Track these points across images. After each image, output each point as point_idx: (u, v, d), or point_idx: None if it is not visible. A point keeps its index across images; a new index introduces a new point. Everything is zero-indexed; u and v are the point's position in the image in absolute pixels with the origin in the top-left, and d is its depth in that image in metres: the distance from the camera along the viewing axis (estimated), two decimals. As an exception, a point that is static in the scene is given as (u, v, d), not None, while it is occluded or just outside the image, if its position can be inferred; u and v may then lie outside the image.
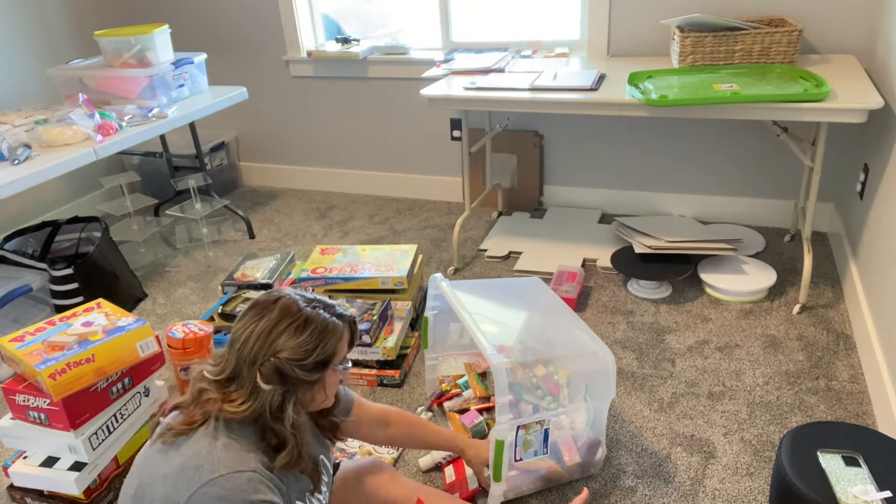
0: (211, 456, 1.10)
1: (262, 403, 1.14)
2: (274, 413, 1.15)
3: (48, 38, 3.29)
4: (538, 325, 1.91)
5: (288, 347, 1.15)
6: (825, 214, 2.88)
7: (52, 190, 3.38)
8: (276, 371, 1.15)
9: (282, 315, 1.17)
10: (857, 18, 2.53)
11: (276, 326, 1.16)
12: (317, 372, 1.18)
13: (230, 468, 1.08)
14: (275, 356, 1.14)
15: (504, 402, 1.53)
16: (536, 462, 1.73)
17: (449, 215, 3.36)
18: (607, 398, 1.71)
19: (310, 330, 1.17)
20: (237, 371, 1.17)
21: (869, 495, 1.33)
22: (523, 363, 1.78)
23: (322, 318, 1.19)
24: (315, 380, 1.19)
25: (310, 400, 1.23)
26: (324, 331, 1.18)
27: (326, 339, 1.18)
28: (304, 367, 1.16)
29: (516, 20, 3.13)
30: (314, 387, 1.21)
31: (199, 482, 1.07)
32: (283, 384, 1.15)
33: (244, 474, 1.08)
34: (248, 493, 1.07)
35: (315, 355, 1.17)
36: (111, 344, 1.67)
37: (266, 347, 1.15)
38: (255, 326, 1.16)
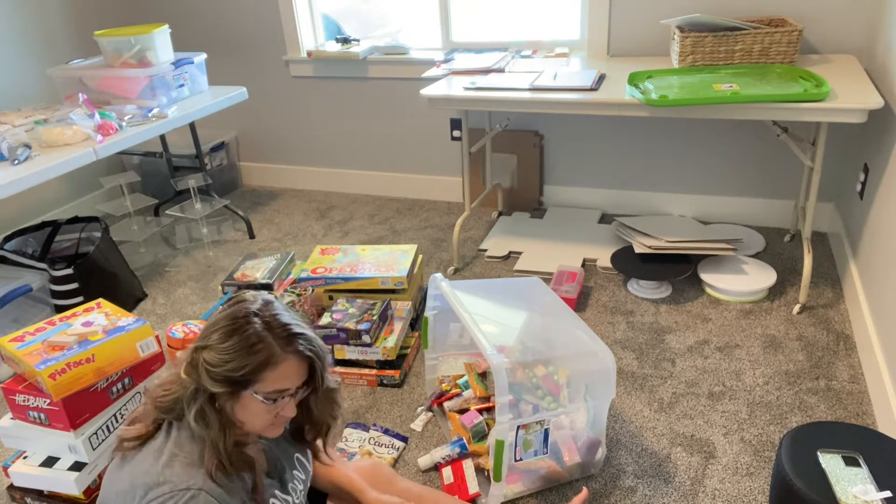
0: (156, 470, 1.07)
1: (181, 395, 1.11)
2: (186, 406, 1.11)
3: (48, 38, 3.29)
4: (538, 325, 1.91)
5: (212, 347, 1.09)
6: (825, 214, 2.88)
7: (52, 190, 3.38)
8: (194, 365, 1.11)
9: (229, 314, 1.12)
10: (857, 18, 2.53)
11: (218, 322, 1.12)
12: (224, 386, 1.09)
13: (174, 486, 1.05)
14: (202, 349, 1.10)
15: (504, 402, 1.53)
16: (536, 462, 1.73)
17: (449, 215, 3.36)
18: (607, 398, 1.71)
19: (233, 340, 1.09)
20: (188, 352, 1.15)
21: (869, 495, 1.33)
22: (523, 363, 1.79)
23: (256, 335, 1.09)
24: (222, 392, 1.10)
25: (230, 413, 1.13)
26: (250, 347, 1.09)
27: (248, 357, 1.08)
28: (211, 374, 1.09)
29: (516, 20, 3.13)
30: (227, 402, 1.12)
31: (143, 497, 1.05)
32: (195, 381, 1.10)
33: (187, 493, 1.05)
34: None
35: (226, 368, 1.08)
36: (111, 344, 1.67)
37: (203, 338, 1.11)
38: (216, 315, 1.14)
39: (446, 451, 1.83)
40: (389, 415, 2.06)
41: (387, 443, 1.92)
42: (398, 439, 1.93)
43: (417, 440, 1.96)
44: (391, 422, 2.03)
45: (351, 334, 2.15)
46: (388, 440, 1.93)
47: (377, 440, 1.92)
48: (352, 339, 2.15)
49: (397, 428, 2.00)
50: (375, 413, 2.08)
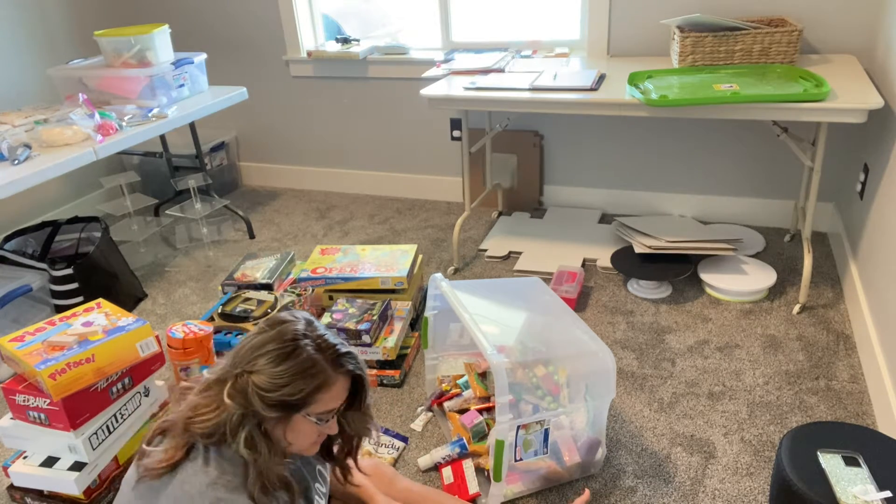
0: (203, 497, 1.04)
1: (225, 419, 1.08)
2: (231, 432, 1.08)
3: (48, 38, 3.29)
4: (538, 325, 1.91)
5: (262, 372, 1.08)
6: (825, 214, 2.88)
7: (52, 190, 3.38)
8: (242, 391, 1.08)
9: (275, 337, 1.11)
10: (857, 18, 2.53)
11: (265, 346, 1.10)
12: (278, 411, 1.08)
13: None
14: (248, 374, 1.08)
15: (504, 401, 1.53)
16: (536, 462, 1.73)
17: (449, 215, 3.36)
18: (607, 398, 1.71)
19: (288, 364, 1.08)
20: (224, 377, 1.12)
21: (869, 495, 1.33)
22: (523, 363, 1.79)
23: (309, 358, 1.09)
24: (274, 417, 1.09)
25: (275, 437, 1.12)
26: (305, 371, 1.09)
27: (301, 381, 1.08)
28: (266, 399, 1.07)
29: (516, 20, 3.13)
30: (277, 425, 1.11)
31: None
32: (243, 406, 1.08)
33: None
34: None
35: (282, 393, 1.07)
36: (111, 344, 1.67)
37: (248, 361, 1.09)
38: (254, 339, 1.12)
39: (446, 451, 1.83)
40: (389, 415, 2.06)
41: (387, 443, 1.92)
42: (398, 439, 1.93)
43: (417, 440, 1.96)
44: (391, 422, 2.03)
45: (351, 334, 2.15)
46: (389, 440, 1.93)
47: (377, 440, 1.92)
48: (352, 339, 2.15)
49: (397, 428, 2.00)
50: (375, 413, 2.08)
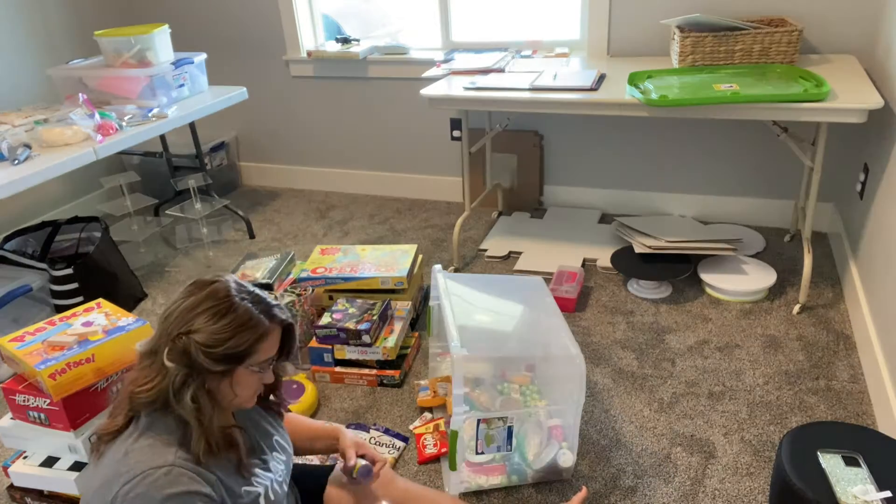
0: (127, 458, 1.08)
1: (167, 384, 1.11)
2: (175, 393, 1.11)
3: (48, 38, 3.29)
4: (522, 322, 1.92)
5: (202, 330, 1.11)
6: (825, 214, 2.88)
7: (52, 190, 3.38)
8: (184, 351, 1.10)
9: (207, 296, 1.13)
10: (857, 18, 2.53)
11: (199, 306, 1.12)
12: (223, 364, 1.12)
13: (145, 466, 1.06)
14: (187, 335, 1.10)
15: (459, 394, 1.54)
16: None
17: (449, 215, 3.36)
18: (578, 404, 1.69)
19: (229, 319, 1.12)
20: (157, 345, 1.14)
21: (869, 495, 1.33)
22: (493, 358, 1.81)
23: (248, 311, 1.14)
24: (220, 371, 1.12)
25: (225, 394, 1.16)
26: (243, 324, 1.13)
27: (243, 334, 1.12)
28: (210, 354, 1.11)
29: (516, 20, 3.13)
30: (222, 380, 1.14)
31: (118, 486, 1.05)
32: (187, 367, 1.11)
33: (160, 470, 1.06)
34: (167, 486, 1.05)
35: (225, 347, 1.11)
36: (111, 344, 1.67)
37: (183, 324, 1.11)
38: (182, 302, 1.14)
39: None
40: (389, 415, 2.06)
41: (387, 443, 1.92)
42: (398, 439, 1.93)
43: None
44: (391, 422, 2.03)
45: (351, 334, 2.15)
46: (389, 440, 1.93)
47: (377, 440, 1.92)
48: (352, 339, 2.15)
49: (397, 428, 2.00)
50: (375, 413, 2.08)
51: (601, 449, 1.87)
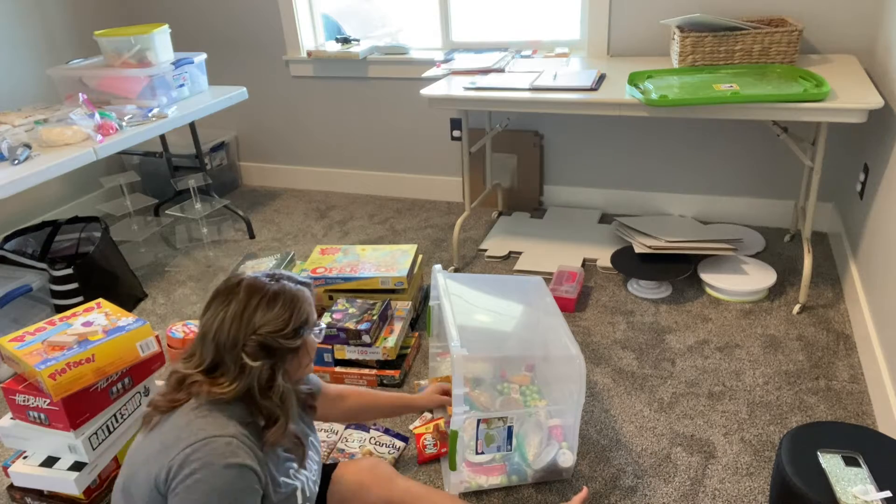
0: (190, 426, 1.12)
1: (251, 381, 1.17)
2: (263, 388, 1.18)
3: (48, 38, 3.29)
4: (522, 323, 1.92)
5: (266, 322, 1.18)
6: (825, 214, 2.88)
7: (52, 190, 3.38)
8: (261, 346, 1.18)
9: (249, 294, 1.20)
10: (857, 18, 2.53)
11: (248, 306, 1.19)
12: (298, 338, 1.22)
13: (208, 433, 1.10)
14: (255, 333, 1.17)
15: (459, 393, 1.54)
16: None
17: (449, 215, 3.36)
18: (578, 404, 1.68)
19: (280, 301, 1.20)
20: (218, 359, 1.18)
21: (869, 495, 1.33)
22: (493, 358, 1.81)
23: (288, 288, 1.23)
24: (298, 346, 1.23)
25: (297, 367, 1.27)
26: (293, 299, 1.22)
27: (298, 306, 1.22)
28: (286, 335, 1.20)
29: (516, 20, 3.13)
30: (298, 353, 1.25)
31: (178, 448, 1.09)
32: (270, 358, 1.19)
33: (222, 438, 1.11)
34: (226, 456, 1.09)
35: (293, 323, 1.21)
36: (111, 344, 1.67)
37: (244, 328, 1.17)
38: (226, 312, 1.19)
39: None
40: (389, 415, 2.06)
41: (387, 443, 1.92)
42: (398, 439, 1.93)
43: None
44: (391, 421, 2.03)
45: (351, 334, 2.15)
46: (389, 440, 1.93)
47: (377, 440, 1.92)
48: (352, 339, 2.15)
49: (397, 428, 2.00)
50: (375, 413, 2.08)
51: (601, 449, 1.87)
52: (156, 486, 1.10)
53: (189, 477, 1.07)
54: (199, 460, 1.08)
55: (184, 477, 1.08)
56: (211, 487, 1.07)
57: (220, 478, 1.08)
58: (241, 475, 1.10)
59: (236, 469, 1.10)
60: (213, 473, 1.08)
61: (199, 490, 1.07)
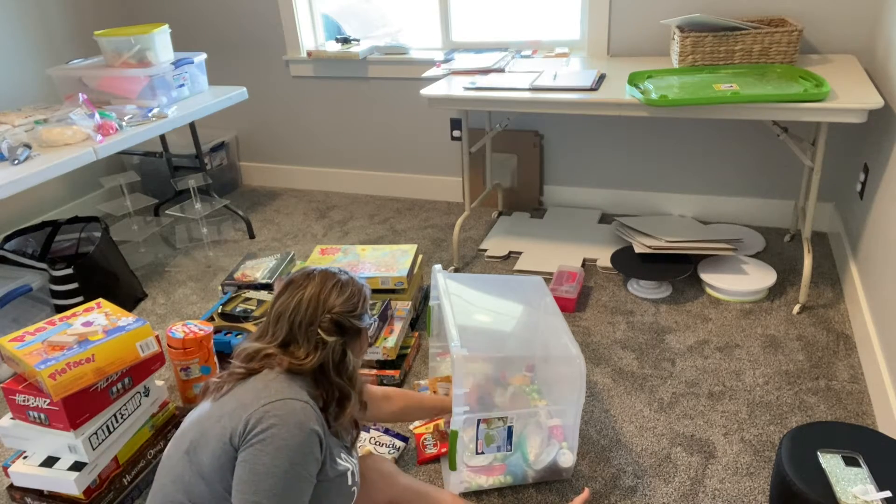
0: (268, 388, 1.22)
1: (326, 356, 1.29)
2: (336, 364, 1.30)
3: (48, 38, 3.29)
4: (522, 323, 1.92)
5: (339, 303, 1.32)
6: (825, 214, 2.89)
7: (52, 190, 3.38)
8: (335, 324, 1.30)
9: (324, 280, 1.34)
10: (857, 18, 2.53)
11: (324, 289, 1.33)
12: (364, 321, 1.37)
13: (287, 395, 1.20)
14: (330, 312, 1.30)
15: (459, 393, 1.54)
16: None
17: (449, 215, 3.36)
18: (578, 404, 1.68)
19: (350, 287, 1.36)
20: (292, 337, 1.29)
21: (869, 495, 1.33)
22: (493, 358, 1.81)
23: (350, 278, 1.39)
24: (363, 328, 1.37)
25: (359, 350, 1.39)
26: (361, 288, 1.39)
27: (363, 293, 1.39)
28: (356, 315, 1.34)
29: (516, 20, 3.13)
30: (361, 336, 1.38)
31: (257, 405, 1.18)
32: (342, 335, 1.32)
33: (298, 402, 1.20)
34: (301, 417, 1.19)
35: (360, 306, 1.36)
36: (111, 344, 1.67)
37: (320, 307, 1.30)
38: (303, 294, 1.31)
39: None
40: (389, 415, 2.06)
41: (387, 442, 1.92)
42: (398, 439, 1.93)
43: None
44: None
45: (351, 334, 2.15)
46: (389, 440, 1.93)
47: (377, 440, 1.92)
48: (352, 339, 2.15)
49: (397, 428, 2.00)
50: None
51: (601, 449, 1.87)
52: (230, 440, 1.17)
53: (265, 431, 1.15)
54: (276, 416, 1.16)
55: (260, 430, 1.15)
56: (284, 444, 1.15)
57: (293, 437, 1.16)
58: (311, 439, 1.19)
59: (308, 432, 1.18)
60: (289, 431, 1.16)
61: (273, 445, 1.15)
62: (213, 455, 1.18)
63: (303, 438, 1.17)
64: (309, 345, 1.29)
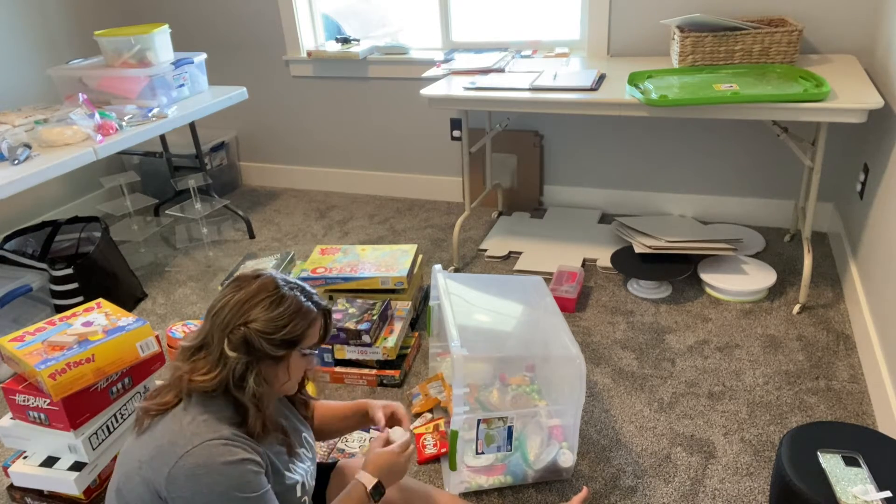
0: (183, 431, 1.13)
1: (227, 372, 1.17)
2: (236, 381, 1.17)
3: (48, 38, 3.29)
4: (522, 323, 1.92)
5: (260, 319, 1.17)
6: (825, 214, 2.88)
7: (52, 190, 3.38)
8: (244, 340, 1.17)
9: (259, 289, 1.20)
10: (857, 18, 2.53)
11: (253, 298, 1.19)
12: (282, 349, 1.20)
13: (203, 437, 1.12)
14: (245, 325, 1.17)
15: (459, 393, 1.54)
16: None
17: (449, 215, 3.36)
18: (578, 404, 1.68)
19: (283, 307, 1.19)
20: (209, 338, 1.20)
21: (869, 495, 1.33)
22: (493, 358, 1.80)
23: (297, 300, 1.22)
24: (280, 356, 1.20)
25: (273, 378, 1.24)
26: (297, 312, 1.21)
27: (298, 320, 1.20)
28: (272, 341, 1.18)
29: (516, 20, 3.13)
30: (279, 365, 1.22)
31: (176, 456, 1.10)
32: (247, 354, 1.17)
33: (218, 440, 1.12)
34: (224, 455, 1.11)
35: (284, 332, 1.19)
36: (111, 344, 1.67)
37: (239, 316, 1.18)
38: (233, 296, 1.20)
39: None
40: (389, 415, 2.06)
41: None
42: (398, 439, 1.93)
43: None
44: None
45: (351, 334, 2.15)
46: (388, 440, 1.92)
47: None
48: (352, 339, 2.15)
49: (397, 428, 2.00)
50: (375, 413, 2.07)
51: (601, 449, 1.87)
52: (156, 491, 1.11)
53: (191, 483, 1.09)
54: (199, 465, 1.09)
55: (186, 483, 1.09)
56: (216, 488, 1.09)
57: (222, 477, 1.10)
58: (243, 469, 1.12)
59: (234, 466, 1.11)
60: (217, 474, 1.10)
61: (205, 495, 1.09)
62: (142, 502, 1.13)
63: (235, 472, 1.11)
64: (214, 354, 1.18)
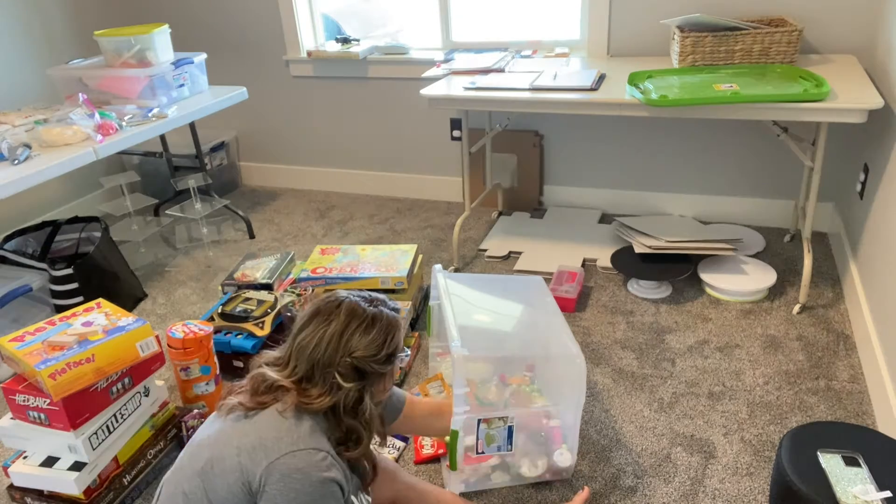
0: (291, 432, 1.17)
1: (339, 399, 1.22)
2: (349, 408, 1.23)
3: (48, 38, 3.29)
4: (522, 322, 1.92)
5: (361, 346, 1.23)
6: (825, 214, 2.88)
7: (52, 190, 3.38)
8: (354, 369, 1.23)
9: (349, 317, 1.25)
10: (857, 18, 2.53)
11: (347, 328, 1.24)
12: (389, 364, 1.28)
13: (309, 445, 1.17)
14: (350, 356, 1.23)
15: (460, 393, 1.54)
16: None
17: (449, 215, 3.36)
18: (578, 404, 1.68)
19: (377, 327, 1.26)
20: (310, 374, 1.23)
21: (869, 495, 1.33)
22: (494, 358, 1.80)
23: (385, 314, 1.29)
24: (387, 371, 1.29)
25: (382, 391, 1.32)
26: (389, 325, 1.28)
27: (393, 333, 1.28)
28: (378, 360, 1.25)
29: (516, 20, 3.13)
30: (385, 378, 1.31)
31: (280, 452, 1.14)
32: (361, 380, 1.24)
33: (320, 453, 1.17)
34: (322, 469, 1.16)
35: (385, 349, 1.26)
36: (111, 344, 1.67)
37: (341, 349, 1.23)
38: (325, 331, 1.24)
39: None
40: (389, 415, 2.06)
41: (387, 442, 1.92)
42: (398, 439, 1.93)
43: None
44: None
45: (351, 334, 2.15)
46: (389, 440, 1.93)
47: (378, 440, 1.92)
48: (352, 339, 2.15)
49: (397, 428, 2.00)
50: (375, 413, 2.08)
51: (601, 449, 1.87)
52: (248, 483, 1.15)
53: (287, 483, 1.13)
54: (298, 470, 1.13)
55: (279, 480, 1.13)
56: (303, 497, 1.13)
57: (315, 489, 1.14)
58: (331, 489, 1.16)
59: (328, 483, 1.16)
60: (311, 485, 1.14)
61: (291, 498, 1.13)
62: (228, 488, 1.16)
63: (324, 491, 1.15)
64: (324, 385, 1.22)
